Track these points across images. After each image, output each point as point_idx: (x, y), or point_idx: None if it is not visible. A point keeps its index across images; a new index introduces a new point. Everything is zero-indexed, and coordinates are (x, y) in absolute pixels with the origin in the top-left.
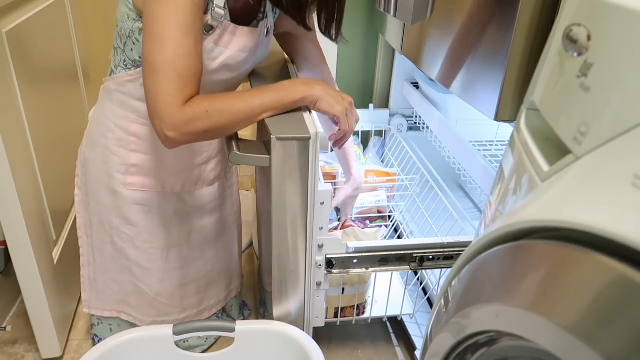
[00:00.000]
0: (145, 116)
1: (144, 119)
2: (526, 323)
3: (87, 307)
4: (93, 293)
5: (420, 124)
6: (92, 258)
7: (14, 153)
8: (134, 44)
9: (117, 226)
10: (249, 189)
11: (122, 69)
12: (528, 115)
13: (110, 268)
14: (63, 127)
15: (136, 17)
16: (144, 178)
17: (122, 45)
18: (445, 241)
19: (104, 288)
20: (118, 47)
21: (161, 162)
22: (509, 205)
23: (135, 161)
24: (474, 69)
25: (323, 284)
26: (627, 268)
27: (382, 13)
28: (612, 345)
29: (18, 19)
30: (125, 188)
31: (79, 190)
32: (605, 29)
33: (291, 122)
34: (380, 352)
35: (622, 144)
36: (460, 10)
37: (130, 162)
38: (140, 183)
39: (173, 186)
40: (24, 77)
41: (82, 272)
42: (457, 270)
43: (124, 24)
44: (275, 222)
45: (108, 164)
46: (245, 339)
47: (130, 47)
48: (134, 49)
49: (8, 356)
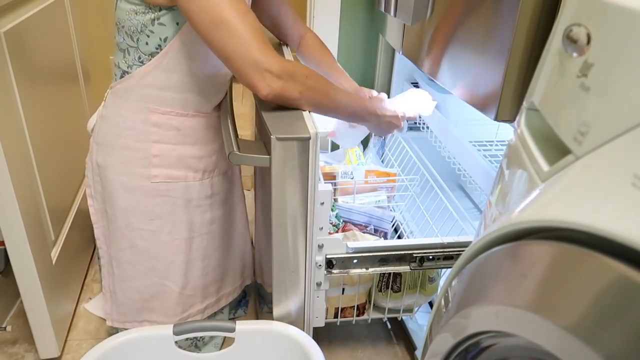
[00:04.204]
0: (165, 104)
1: (164, 107)
2: (526, 323)
3: (110, 319)
4: (114, 306)
5: (420, 124)
6: (111, 269)
7: (11, 153)
8: (148, 37)
9: (139, 225)
10: (249, 189)
11: (138, 66)
12: (528, 115)
13: (129, 276)
14: (62, 128)
15: (145, 10)
16: (167, 169)
17: (134, 42)
18: (445, 241)
19: (124, 299)
20: (129, 46)
21: (181, 150)
22: (508, 205)
23: (157, 151)
24: (474, 69)
25: (323, 284)
26: (627, 268)
27: (382, 13)
28: (612, 345)
29: (17, 19)
30: (149, 181)
31: (92, 200)
32: (605, 29)
33: (291, 122)
34: (380, 352)
35: (622, 144)
36: (460, 11)
37: (152, 153)
38: (163, 174)
39: (195, 174)
40: (22, 78)
41: (103, 283)
42: (457, 271)
43: (132, 20)
44: (275, 222)
45: (128, 163)
46: (245, 339)
47: (144, 41)
48: (149, 41)
49: (8, 356)
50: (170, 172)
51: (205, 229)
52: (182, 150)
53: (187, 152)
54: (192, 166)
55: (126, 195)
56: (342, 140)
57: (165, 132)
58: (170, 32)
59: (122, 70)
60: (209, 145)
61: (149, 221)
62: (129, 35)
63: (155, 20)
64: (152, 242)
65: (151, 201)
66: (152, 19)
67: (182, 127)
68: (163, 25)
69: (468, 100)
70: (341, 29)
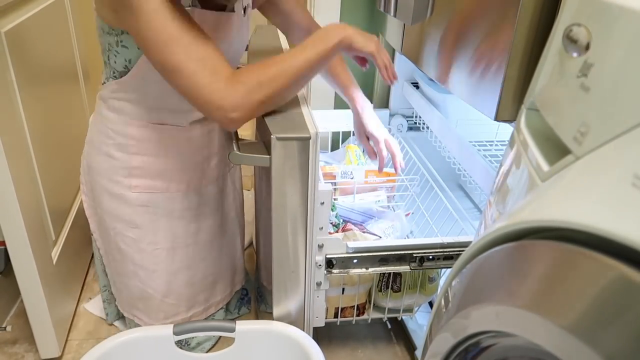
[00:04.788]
0: (140, 117)
1: (139, 120)
2: (526, 323)
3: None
4: (116, 291)
5: (420, 124)
6: (107, 260)
7: (12, 153)
8: (115, 56)
9: (121, 231)
10: (249, 189)
11: (112, 79)
12: (528, 115)
13: (120, 272)
14: (63, 128)
15: (109, 30)
16: (148, 180)
17: (106, 58)
18: (445, 241)
19: (122, 288)
20: (105, 60)
21: (163, 162)
22: (509, 205)
23: (137, 164)
24: (474, 69)
25: (323, 284)
26: (627, 268)
27: (382, 13)
28: (612, 345)
29: (17, 19)
30: (130, 190)
31: (85, 196)
32: (605, 29)
33: (291, 121)
34: (380, 352)
35: (622, 144)
36: (460, 11)
37: (132, 165)
38: (144, 185)
39: (178, 185)
40: (23, 78)
41: (107, 271)
42: (457, 270)
43: (102, 38)
44: (275, 222)
45: (110, 170)
46: (245, 339)
47: (113, 60)
48: (117, 60)
49: (8, 356)
50: (151, 182)
51: (190, 240)
52: (164, 161)
53: (169, 164)
54: (174, 178)
55: (110, 200)
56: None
57: (145, 144)
58: (133, 54)
59: (104, 76)
60: (193, 156)
61: (131, 229)
62: (102, 51)
63: (119, 43)
64: (134, 249)
65: (132, 210)
66: (116, 41)
67: (160, 139)
68: (126, 47)
69: (468, 100)
70: None
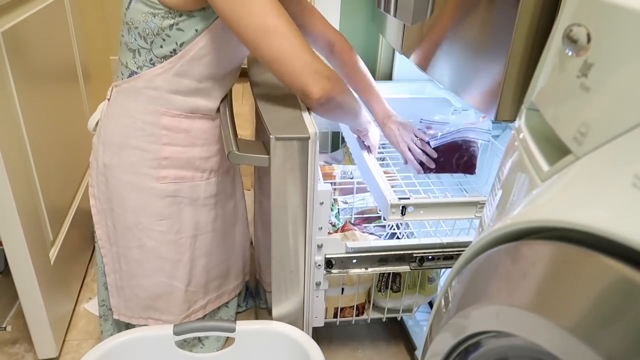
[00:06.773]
0: (175, 107)
1: (174, 111)
2: (526, 323)
3: (117, 313)
4: (121, 300)
5: None
6: (117, 265)
7: (9, 153)
8: (163, 40)
9: (148, 225)
10: (249, 189)
11: (148, 67)
12: (528, 115)
13: (137, 273)
14: (61, 127)
15: (165, 14)
16: (176, 170)
17: (147, 44)
18: (445, 241)
19: (131, 295)
20: (141, 47)
21: (190, 152)
22: (508, 205)
23: (167, 154)
24: (474, 69)
25: (322, 284)
26: (628, 268)
27: (382, 13)
28: (612, 345)
29: (15, 19)
30: (158, 182)
31: (95, 200)
32: (605, 29)
33: (290, 121)
34: (380, 352)
35: (622, 144)
36: (460, 10)
37: (162, 156)
38: (172, 175)
39: (202, 174)
40: (20, 78)
41: (108, 280)
42: (457, 270)
43: (148, 23)
44: (274, 222)
45: (137, 164)
46: (245, 339)
47: (159, 44)
48: (164, 45)
49: (8, 356)
50: (179, 172)
51: (209, 227)
52: (191, 151)
53: (195, 153)
54: (199, 167)
55: (135, 195)
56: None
57: (175, 135)
58: (187, 37)
59: (130, 70)
60: (214, 145)
61: (158, 222)
62: (143, 37)
63: (174, 26)
64: (161, 241)
65: (160, 202)
66: (171, 24)
67: (191, 129)
68: (181, 30)
69: (468, 100)
70: (341, 29)
